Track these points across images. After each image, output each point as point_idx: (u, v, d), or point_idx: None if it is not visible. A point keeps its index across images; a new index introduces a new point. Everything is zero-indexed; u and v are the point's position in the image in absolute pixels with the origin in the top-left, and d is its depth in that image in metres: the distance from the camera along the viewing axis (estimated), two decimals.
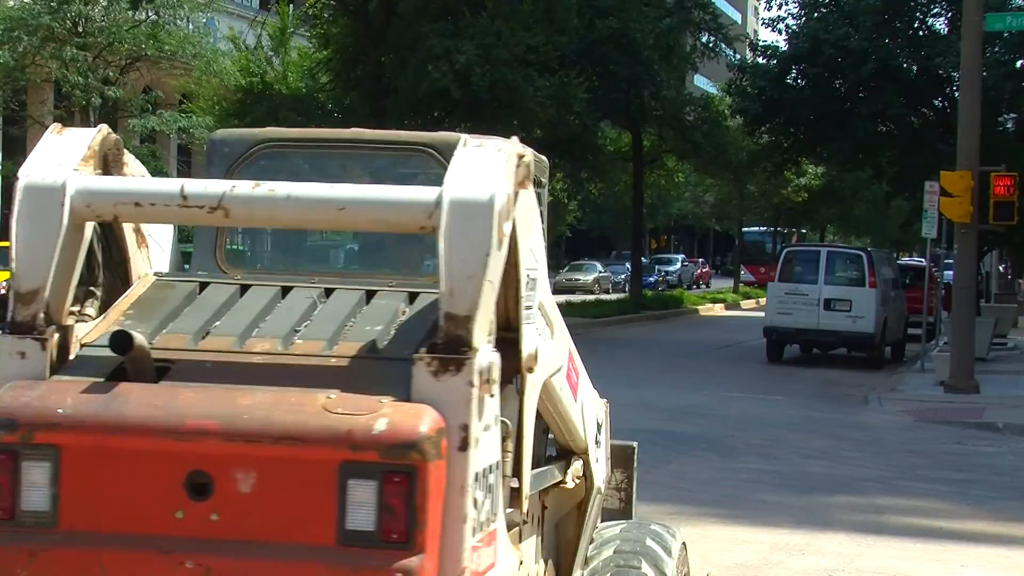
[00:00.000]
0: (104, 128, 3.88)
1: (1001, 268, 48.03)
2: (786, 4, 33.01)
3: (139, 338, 3.43)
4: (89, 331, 3.74)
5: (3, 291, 25.56)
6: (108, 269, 4.04)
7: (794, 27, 32.04)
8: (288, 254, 3.77)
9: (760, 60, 32.88)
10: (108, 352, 3.44)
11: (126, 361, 3.44)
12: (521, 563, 3.94)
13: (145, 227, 4.12)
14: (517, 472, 3.82)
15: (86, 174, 3.63)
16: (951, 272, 23.61)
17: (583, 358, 4.85)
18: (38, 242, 3.53)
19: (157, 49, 36.09)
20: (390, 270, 3.84)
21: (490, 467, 3.44)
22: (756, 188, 50.43)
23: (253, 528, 3.22)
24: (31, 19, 33.81)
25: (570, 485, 4.83)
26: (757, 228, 67.51)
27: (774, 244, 63.91)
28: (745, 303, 50.58)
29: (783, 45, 32.53)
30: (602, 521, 5.45)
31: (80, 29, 34.76)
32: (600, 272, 57.96)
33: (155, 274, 4.15)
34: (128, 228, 4.05)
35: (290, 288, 3.91)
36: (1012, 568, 8.97)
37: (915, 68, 29.72)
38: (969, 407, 18.28)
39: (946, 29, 30.97)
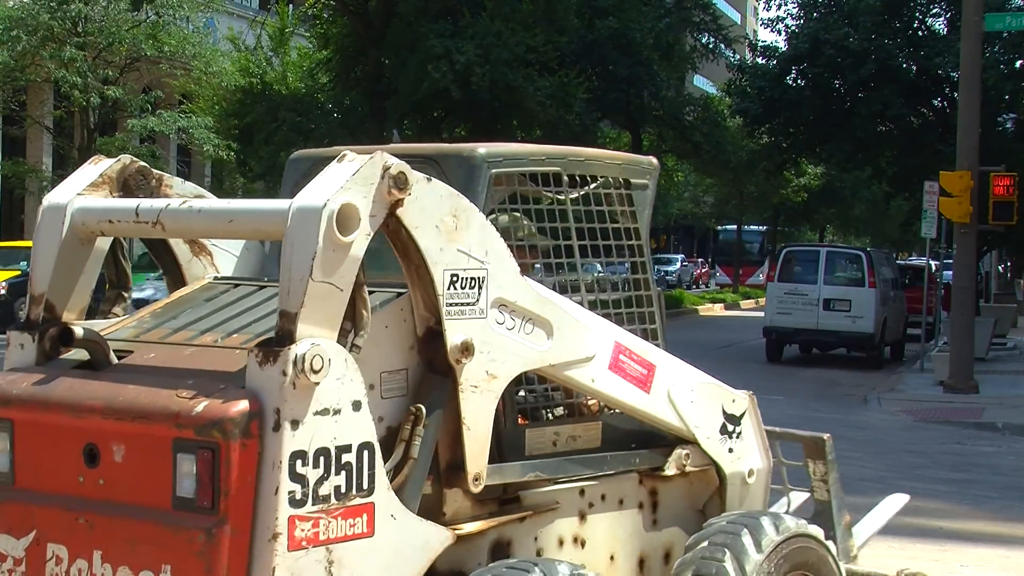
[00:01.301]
0: (125, 158, 4.58)
1: (1000, 268, 48.06)
2: (786, 4, 33.02)
3: (80, 332, 4.12)
4: (108, 327, 4.49)
5: (2, 291, 25.56)
6: (168, 275, 4.89)
7: (794, 27, 32.05)
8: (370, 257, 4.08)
9: (760, 60, 32.89)
10: (94, 344, 4.18)
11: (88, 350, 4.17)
12: (458, 538, 4.24)
13: (209, 240, 4.88)
14: (457, 455, 4.23)
15: (87, 197, 4.37)
16: (951, 272, 23.62)
17: None
18: (45, 253, 4.38)
19: (157, 49, 36.08)
20: (393, 271, 4.23)
21: (342, 447, 3.82)
22: (755, 188, 50.42)
23: (123, 491, 3.87)
24: (30, 18, 33.79)
25: (669, 472, 5.15)
26: (733, 226, 64.32)
27: (763, 244, 62.91)
28: (745, 303, 50.60)
29: (783, 45, 32.54)
30: (790, 511, 5.87)
31: (79, 29, 34.75)
32: (599, 272, 57.94)
33: (214, 277, 4.86)
34: (181, 242, 4.82)
35: (264, 288, 4.54)
36: (1012, 568, 8.98)
37: (915, 68, 29.73)
38: (969, 407, 18.29)
39: (945, 29, 30.97)
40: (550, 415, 4.96)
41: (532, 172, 4.89)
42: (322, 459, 3.80)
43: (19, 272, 26.48)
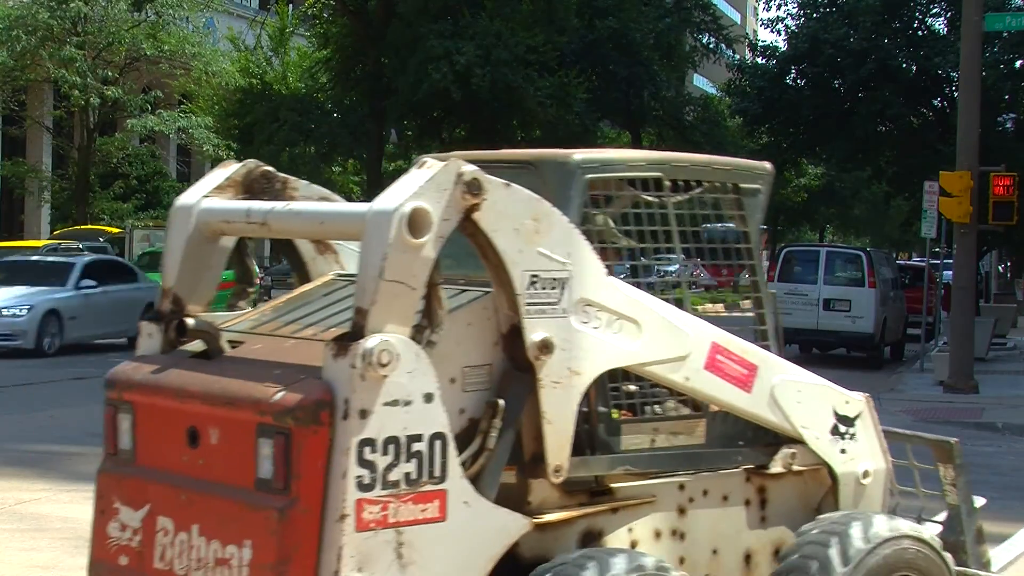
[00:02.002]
0: (250, 162, 4.90)
1: (1000, 268, 48.06)
2: (785, 4, 33.00)
3: (192, 323, 4.55)
4: (231, 319, 4.90)
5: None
6: (295, 271, 5.26)
7: (793, 27, 32.03)
8: (457, 257, 4.42)
9: (760, 60, 32.87)
10: (207, 335, 4.58)
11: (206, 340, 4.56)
12: (538, 525, 4.43)
13: (335, 240, 5.15)
14: (537, 446, 4.43)
15: (212, 199, 4.69)
16: (951, 272, 23.61)
17: None
18: (174, 250, 4.72)
19: (157, 49, 36.07)
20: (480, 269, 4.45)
21: (413, 436, 4.05)
22: None
23: (218, 471, 4.17)
24: (30, 18, 33.76)
25: (775, 470, 5.28)
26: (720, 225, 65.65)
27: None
28: (745, 303, 50.49)
29: (782, 45, 32.53)
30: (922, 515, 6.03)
31: (79, 28, 34.73)
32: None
33: (336, 274, 5.14)
34: (306, 241, 5.13)
35: None
36: (1012, 568, 8.97)
37: (914, 68, 29.72)
38: (968, 407, 18.28)
39: (945, 29, 30.96)
40: (655, 410, 5.07)
41: (631, 177, 5.04)
42: (391, 447, 4.03)
43: None
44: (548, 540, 4.56)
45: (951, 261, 24.42)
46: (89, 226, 33.30)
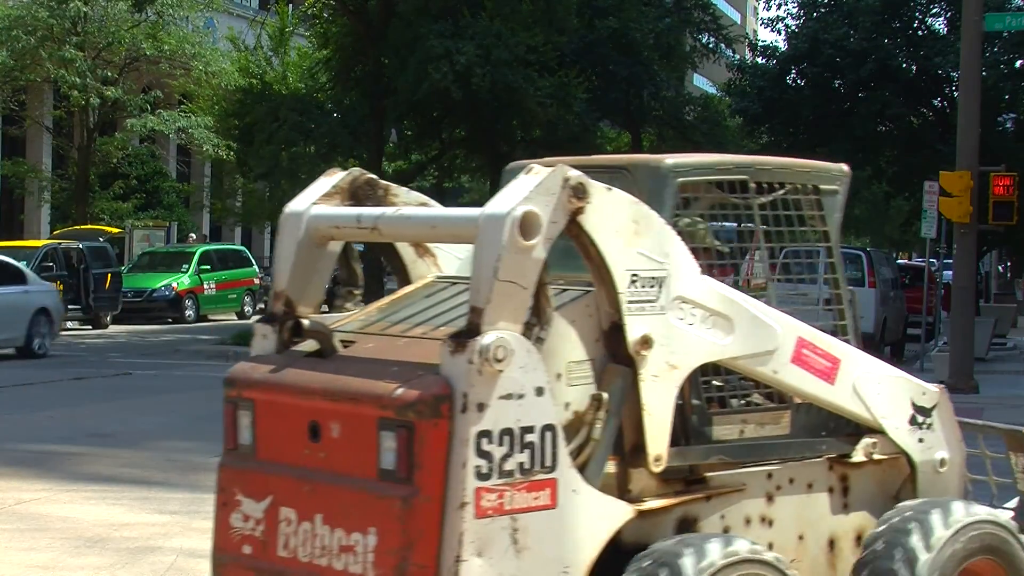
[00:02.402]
0: (355, 171, 5.14)
1: (1000, 268, 48.06)
2: (785, 4, 32.99)
3: (308, 324, 4.79)
4: (339, 320, 5.09)
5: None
6: (396, 274, 5.48)
7: (793, 27, 32.02)
8: (561, 258, 4.58)
9: (760, 60, 32.86)
10: (321, 335, 4.76)
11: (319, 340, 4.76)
12: (640, 512, 4.69)
13: (432, 244, 5.40)
14: (640, 438, 4.67)
15: (321, 206, 4.91)
16: (951, 272, 23.60)
17: None
18: (284, 255, 4.95)
19: (156, 49, 36.04)
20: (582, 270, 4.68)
21: (526, 428, 4.29)
22: None
23: (339, 463, 4.40)
24: (30, 17, 33.73)
25: (857, 459, 5.51)
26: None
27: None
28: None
29: (782, 45, 32.52)
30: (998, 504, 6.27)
31: (79, 28, 34.71)
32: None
33: (436, 277, 5.36)
34: (406, 245, 5.38)
35: None
36: None
37: (914, 68, 29.71)
38: (969, 407, 18.23)
39: (945, 29, 30.95)
40: (742, 403, 5.28)
41: (719, 180, 5.25)
42: (506, 438, 4.26)
43: None
44: (648, 526, 4.77)
45: (951, 261, 24.42)
46: (89, 226, 33.27)
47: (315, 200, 4.96)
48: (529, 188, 4.32)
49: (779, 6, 32.93)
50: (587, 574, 4.48)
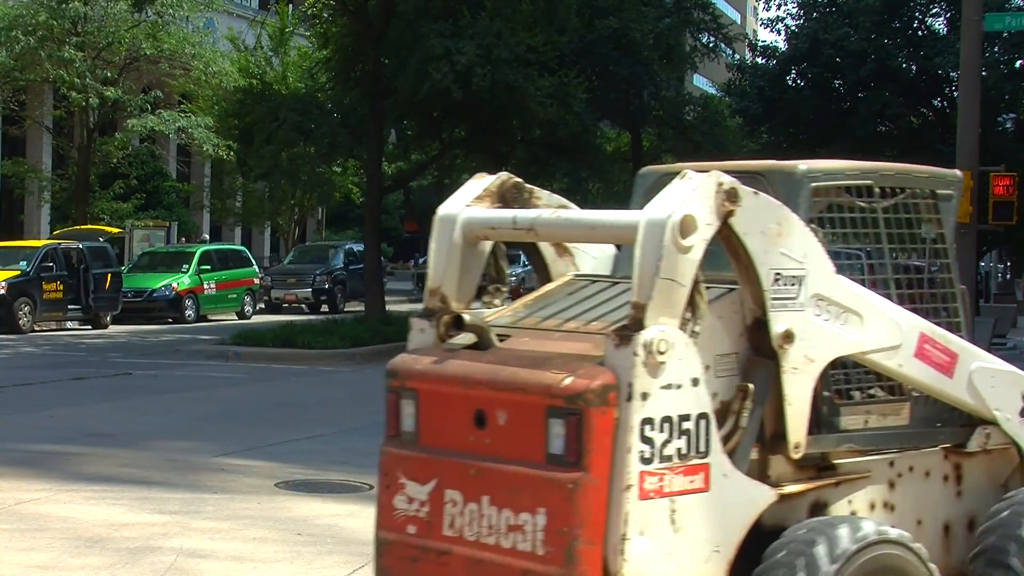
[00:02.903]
0: (503, 175, 5.44)
1: (1000, 268, 48.06)
2: (785, 4, 33.00)
3: (467, 319, 5.05)
4: (488, 315, 5.37)
5: (2, 291, 25.53)
6: (537, 272, 5.77)
7: (793, 27, 32.03)
8: (709, 258, 4.80)
9: (759, 60, 32.87)
10: (480, 329, 5.07)
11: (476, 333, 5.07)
12: (781, 496, 4.98)
13: (571, 244, 5.72)
14: (780, 427, 4.98)
15: (473, 208, 5.24)
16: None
17: None
18: (440, 255, 5.25)
19: (156, 49, 36.03)
20: (725, 270, 4.98)
21: (683, 416, 4.60)
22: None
23: (506, 448, 4.68)
24: (30, 18, 33.71)
25: (971, 449, 5.80)
26: None
27: None
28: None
29: (782, 45, 32.52)
30: None
31: (79, 28, 34.70)
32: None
33: (575, 275, 5.67)
34: (547, 245, 5.68)
35: (618, 284, 5.37)
36: None
37: (914, 68, 29.73)
38: None
39: (945, 29, 30.97)
40: (864, 395, 5.58)
41: (847, 185, 5.58)
42: (666, 425, 4.57)
43: (18, 272, 26.39)
44: (784, 510, 5.06)
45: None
46: (89, 226, 33.26)
47: (467, 203, 5.30)
48: (687, 193, 4.63)
49: (779, 6, 32.99)
50: (735, 553, 4.77)
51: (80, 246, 28.22)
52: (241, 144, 29.71)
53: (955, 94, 26.71)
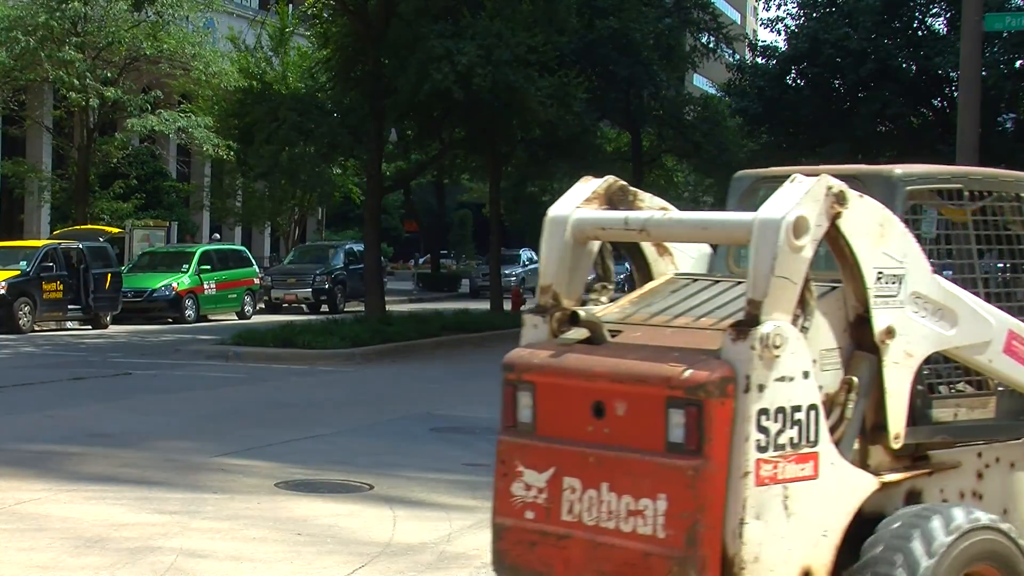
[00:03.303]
0: (610, 178, 5.69)
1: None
2: (785, 4, 32.99)
3: (583, 315, 5.31)
4: (598, 311, 5.57)
5: (2, 291, 25.53)
6: (638, 271, 5.99)
7: (793, 27, 32.02)
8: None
9: (760, 60, 32.86)
10: (593, 325, 5.31)
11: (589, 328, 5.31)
12: (882, 484, 5.26)
13: (670, 244, 5.96)
14: (880, 418, 5.26)
15: (583, 209, 5.51)
16: (950, 271, 23.57)
17: None
18: (551, 254, 5.53)
19: (156, 49, 36.01)
20: (827, 269, 5.26)
21: (795, 407, 4.86)
22: None
23: (624, 437, 4.93)
24: (29, 18, 33.70)
25: None
26: None
27: None
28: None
29: (782, 45, 32.52)
30: None
31: (79, 28, 34.68)
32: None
33: (676, 274, 5.93)
34: (648, 244, 5.91)
35: (719, 282, 5.65)
36: None
37: (914, 68, 29.73)
38: None
39: (945, 29, 30.96)
40: (955, 389, 5.83)
41: (938, 188, 5.87)
42: (780, 416, 4.83)
43: (18, 272, 26.38)
44: (883, 498, 5.33)
45: (950, 261, 24.38)
46: (89, 226, 33.26)
47: (577, 204, 5.56)
48: (799, 195, 4.89)
49: (779, 6, 32.95)
50: (841, 537, 5.03)
51: (80, 246, 28.22)
52: (241, 144, 29.71)
53: (955, 94, 26.71)
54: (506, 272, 41.72)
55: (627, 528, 4.91)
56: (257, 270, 34.86)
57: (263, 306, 34.93)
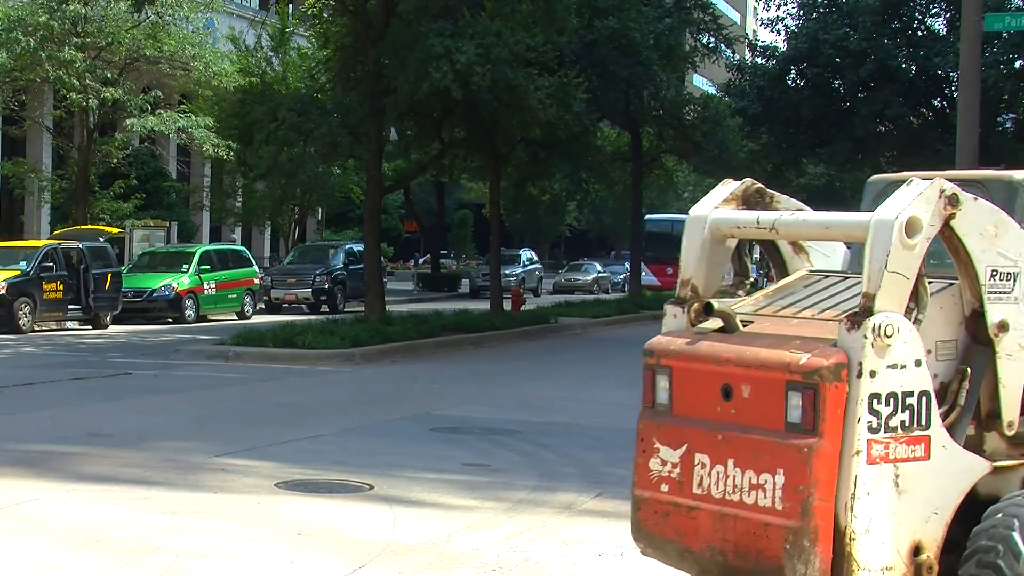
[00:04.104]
0: (747, 181, 6.15)
1: None
2: (785, 4, 32.98)
3: (716, 306, 5.76)
4: (734, 303, 6.01)
5: (2, 291, 25.53)
6: (776, 268, 6.46)
7: (793, 27, 32.01)
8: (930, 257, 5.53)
9: (759, 60, 32.85)
10: (726, 315, 5.76)
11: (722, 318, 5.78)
12: (995, 469, 5.58)
13: (805, 243, 6.44)
14: (994, 406, 5.63)
15: (722, 209, 5.98)
16: None
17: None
18: (690, 251, 6.02)
19: (156, 49, 36.03)
20: (946, 267, 5.64)
21: (907, 392, 5.24)
22: None
23: (749, 418, 5.41)
24: (30, 18, 33.70)
25: None
26: (669, 216, 54.50)
27: None
28: None
29: (782, 45, 32.51)
30: None
31: (79, 29, 34.69)
32: (599, 272, 57.82)
33: (809, 270, 6.36)
34: (785, 244, 6.39)
35: (847, 278, 6.03)
36: None
37: (914, 68, 29.73)
38: None
39: (945, 29, 30.96)
40: None
41: None
42: (892, 400, 5.22)
43: (18, 272, 26.39)
44: (998, 481, 5.64)
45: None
46: (89, 226, 33.27)
47: (715, 205, 6.02)
48: (912, 197, 5.26)
49: (779, 6, 32.94)
50: (952, 517, 5.38)
51: (80, 246, 28.22)
52: (241, 144, 29.71)
53: (955, 94, 26.70)
54: (506, 272, 41.72)
55: (749, 500, 5.37)
56: (257, 270, 34.86)
57: (263, 306, 34.93)
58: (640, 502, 5.88)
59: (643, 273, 50.81)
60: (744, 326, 5.81)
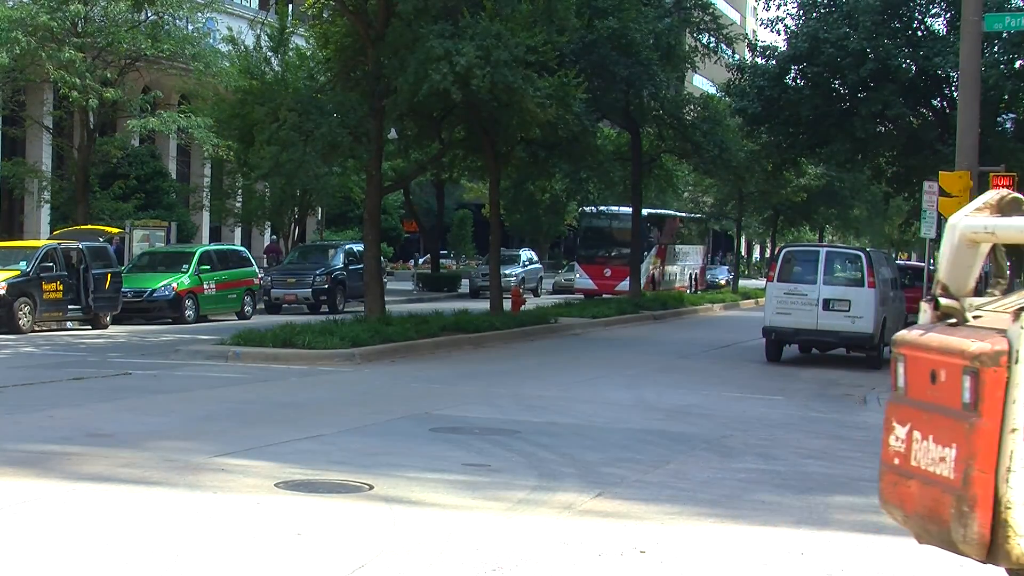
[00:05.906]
0: (1003, 191, 6.66)
1: None
2: (785, 4, 32.94)
3: (943, 302, 6.52)
4: (982, 301, 6.59)
5: (2, 291, 25.53)
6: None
7: (793, 27, 31.98)
8: None
9: (759, 60, 32.83)
10: (955, 310, 6.50)
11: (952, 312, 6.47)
12: None
13: None
14: None
15: (973, 216, 6.56)
16: None
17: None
18: (943, 254, 6.62)
19: (156, 49, 36.05)
20: None
21: None
22: (756, 188, 50.32)
23: (945, 399, 6.13)
24: (30, 18, 33.72)
25: None
26: (609, 209, 46.55)
27: (647, 232, 46.01)
28: (744, 303, 50.55)
29: (782, 45, 32.50)
30: None
31: (79, 29, 34.70)
32: None
33: None
34: None
35: None
36: None
37: (914, 68, 29.69)
38: None
39: (945, 29, 30.94)
40: None
41: None
42: None
43: (18, 272, 26.38)
44: None
45: None
46: (89, 226, 33.27)
47: (968, 213, 6.59)
48: (975, 204, 5.82)
49: (779, 6, 32.87)
50: None
51: (80, 246, 28.22)
52: (241, 144, 29.70)
53: (955, 94, 26.70)
54: (506, 272, 41.72)
55: (938, 471, 6.10)
56: (257, 270, 34.86)
57: (263, 306, 34.93)
58: (883, 473, 6.69)
59: (577, 275, 48.27)
60: (975, 319, 6.44)
